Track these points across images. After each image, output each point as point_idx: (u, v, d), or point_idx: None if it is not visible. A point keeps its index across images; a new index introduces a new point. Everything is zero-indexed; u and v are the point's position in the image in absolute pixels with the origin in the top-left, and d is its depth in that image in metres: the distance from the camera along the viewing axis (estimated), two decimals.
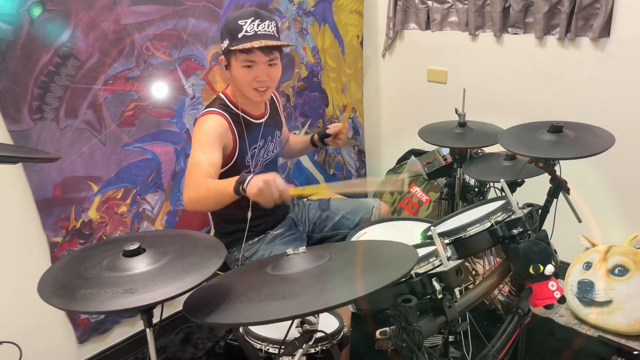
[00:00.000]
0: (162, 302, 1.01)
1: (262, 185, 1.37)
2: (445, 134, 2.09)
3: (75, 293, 1.03)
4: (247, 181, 1.41)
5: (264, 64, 1.62)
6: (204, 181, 1.52)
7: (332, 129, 1.93)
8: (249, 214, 1.66)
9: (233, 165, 1.73)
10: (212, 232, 1.97)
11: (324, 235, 1.98)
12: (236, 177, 1.46)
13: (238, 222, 1.73)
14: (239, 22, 1.58)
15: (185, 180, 1.59)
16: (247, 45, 1.56)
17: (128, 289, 1.02)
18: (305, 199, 2.08)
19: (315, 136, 1.98)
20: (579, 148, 1.62)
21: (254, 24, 1.58)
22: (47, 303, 1.03)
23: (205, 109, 1.73)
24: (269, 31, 1.61)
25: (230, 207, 1.52)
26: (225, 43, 1.62)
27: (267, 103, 1.86)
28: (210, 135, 1.62)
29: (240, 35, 1.58)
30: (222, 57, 1.68)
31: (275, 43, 1.60)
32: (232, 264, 1.84)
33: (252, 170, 1.78)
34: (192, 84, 2.23)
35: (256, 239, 1.84)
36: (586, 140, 1.65)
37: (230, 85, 1.76)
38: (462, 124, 2.08)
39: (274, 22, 1.64)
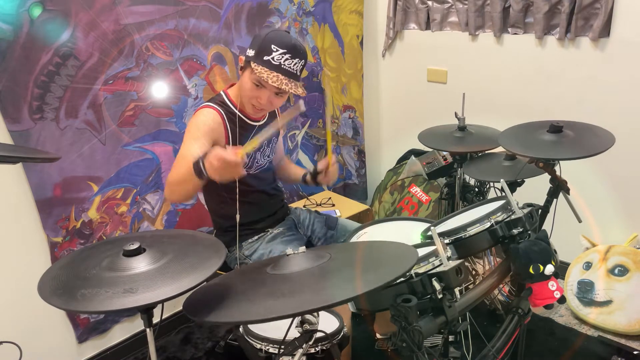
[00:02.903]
0: (162, 302, 1.01)
1: (216, 166, 1.39)
2: (445, 138, 2.09)
3: (75, 293, 1.03)
4: (202, 161, 1.43)
5: (272, 92, 1.65)
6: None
7: (321, 164, 1.89)
8: (237, 217, 1.70)
9: None
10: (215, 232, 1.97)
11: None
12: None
13: (232, 218, 1.74)
14: (272, 46, 1.58)
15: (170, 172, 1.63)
16: (264, 74, 1.57)
17: (128, 288, 1.02)
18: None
19: (308, 176, 1.95)
20: (579, 148, 1.62)
21: (283, 56, 1.59)
22: (47, 303, 1.02)
23: (203, 103, 1.76)
24: (294, 69, 1.62)
25: (221, 202, 1.52)
26: (251, 53, 1.62)
27: None
28: (200, 127, 1.65)
29: (265, 58, 1.59)
30: (243, 57, 1.68)
31: (287, 87, 1.60)
32: (231, 262, 1.84)
33: (247, 171, 1.78)
34: (195, 84, 2.23)
35: (256, 237, 1.84)
36: (586, 140, 1.65)
37: (236, 86, 1.77)
38: (462, 128, 2.09)
39: (303, 61, 1.65)
